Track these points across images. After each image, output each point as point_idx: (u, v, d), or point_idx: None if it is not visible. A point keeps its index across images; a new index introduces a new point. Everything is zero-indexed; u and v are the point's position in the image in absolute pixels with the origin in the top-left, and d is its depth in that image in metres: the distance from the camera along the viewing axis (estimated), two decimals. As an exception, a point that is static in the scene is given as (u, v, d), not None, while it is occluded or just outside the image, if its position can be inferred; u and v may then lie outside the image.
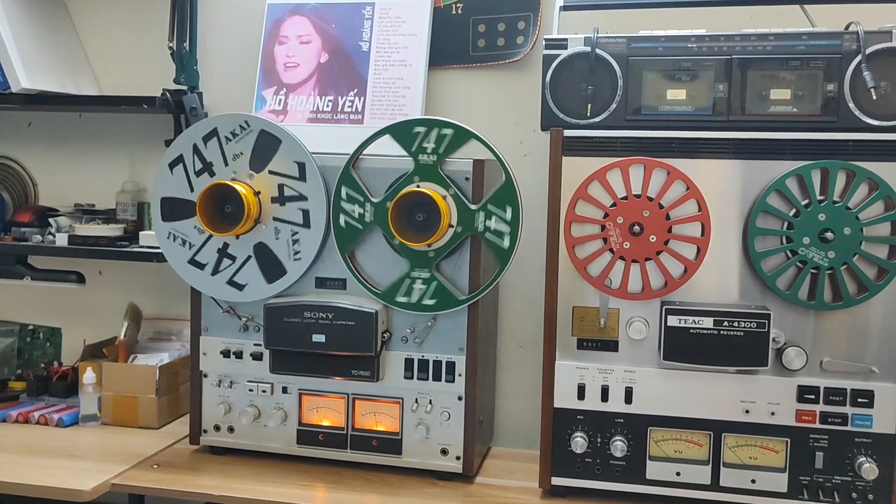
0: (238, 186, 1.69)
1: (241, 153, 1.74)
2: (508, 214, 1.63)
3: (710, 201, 1.54)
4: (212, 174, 1.74)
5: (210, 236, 1.75)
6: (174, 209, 1.78)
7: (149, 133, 2.25)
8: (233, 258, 1.75)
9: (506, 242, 1.64)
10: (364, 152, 1.69)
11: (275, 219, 1.73)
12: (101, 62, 2.30)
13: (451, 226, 1.64)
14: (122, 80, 2.28)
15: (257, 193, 1.72)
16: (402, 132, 1.65)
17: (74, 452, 1.84)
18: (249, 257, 1.75)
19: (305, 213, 1.71)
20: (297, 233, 1.72)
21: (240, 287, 1.75)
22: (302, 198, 1.71)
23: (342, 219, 1.70)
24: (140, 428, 2.01)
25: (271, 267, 1.74)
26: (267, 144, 1.72)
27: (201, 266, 1.77)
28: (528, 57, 2.00)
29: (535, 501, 1.65)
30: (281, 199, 1.73)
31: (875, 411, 1.52)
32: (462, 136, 1.63)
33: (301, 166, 1.71)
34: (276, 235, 1.73)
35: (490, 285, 1.67)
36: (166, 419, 2.05)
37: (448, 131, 1.63)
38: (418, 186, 1.64)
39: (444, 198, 1.63)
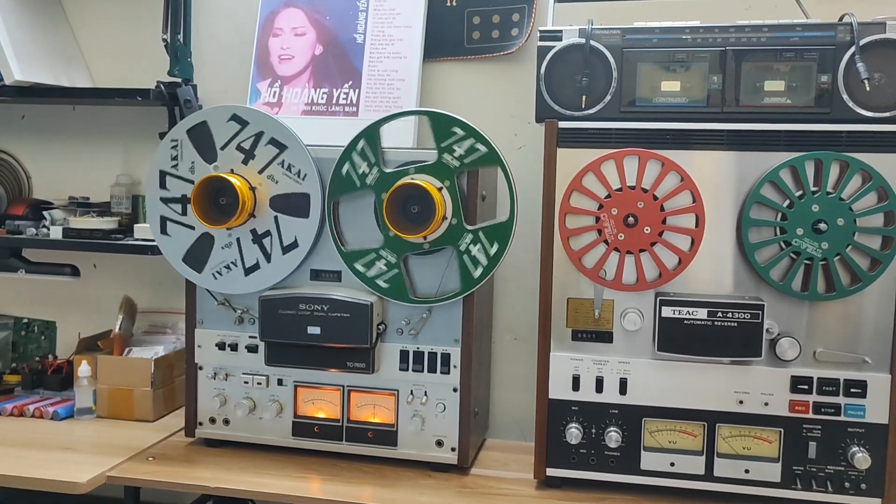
0: (232, 178, 1.69)
1: (193, 161, 1.75)
2: (493, 250, 1.64)
3: (704, 193, 1.54)
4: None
5: (238, 238, 1.75)
6: (196, 254, 1.77)
7: (143, 126, 2.24)
8: (268, 233, 1.74)
9: (477, 273, 1.65)
10: (389, 146, 1.68)
11: (261, 172, 1.72)
12: (94, 54, 2.29)
13: (444, 219, 1.63)
14: (115, 72, 2.27)
15: (233, 170, 1.73)
16: (441, 122, 1.64)
17: (70, 445, 1.84)
18: (276, 217, 1.73)
19: (274, 141, 1.71)
20: (283, 161, 1.71)
21: (295, 244, 1.73)
22: (259, 136, 1.71)
23: (345, 167, 1.68)
24: (135, 421, 2.00)
25: (298, 206, 1.72)
26: (199, 135, 1.74)
27: (257, 267, 1.76)
28: (522, 49, 2.00)
29: (531, 492, 1.65)
30: (250, 154, 1.73)
31: (868, 401, 1.53)
32: (491, 159, 1.62)
33: (237, 118, 1.72)
34: (276, 180, 1.72)
35: (441, 301, 1.68)
36: (161, 412, 2.05)
37: (482, 149, 1.62)
38: (426, 182, 1.62)
39: (444, 203, 1.63)
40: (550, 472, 1.65)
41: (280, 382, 1.80)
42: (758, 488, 1.58)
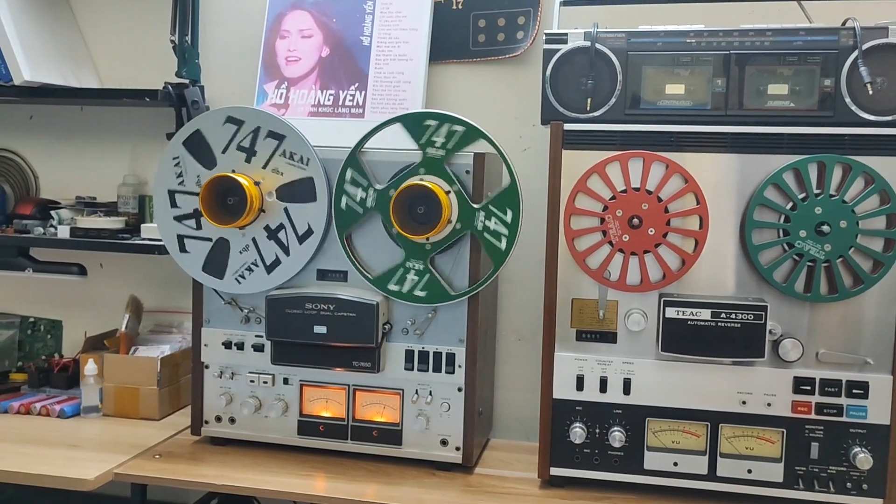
0: (240, 178, 1.70)
1: (198, 175, 1.75)
2: (509, 217, 1.64)
3: (708, 195, 1.55)
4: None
5: (253, 238, 1.75)
6: (215, 262, 1.78)
7: (150, 126, 2.25)
8: (281, 227, 1.75)
9: (503, 245, 1.65)
10: (372, 146, 1.69)
11: (265, 166, 1.74)
12: (102, 55, 2.31)
13: (450, 221, 1.65)
14: (123, 73, 2.29)
15: (258, 183, 1.73)
16: (413, 122, 1.66)
17: (76, 443, 1.85)
18: (286, 207, 1.74)
19: (273, 133, 1.72)
20: (284, 151, 1.72)
21: (309, 231, 1.74)
22: (256, 131, 1.73)
23: (344, 200, 1.71)
24: (141, 419, 2.02)
25: (305, 192, 1.73)
26: (196, 145, 1.75)
27: (277, 262, 1.76)
28: (528, 52, 2.02)
29: (534, 491, 1.66)
30: (251, 151, 1.74)
31: (870, 402, 1.54)
32: (472, 134, 1.64)
33: (232, 119, 1.73)
34: (280, 171, 1.74)
35: (481, 285, 1.68)
36: (167, 410, 2.06)
37: (459, 128, 1.64)
38: (422, 179, 1.65)
39: (447, 193, 1.65)
40: (554, 471, 1.66)
41: (286, 381, 1.81)
42: (760, 488, 1.59)
